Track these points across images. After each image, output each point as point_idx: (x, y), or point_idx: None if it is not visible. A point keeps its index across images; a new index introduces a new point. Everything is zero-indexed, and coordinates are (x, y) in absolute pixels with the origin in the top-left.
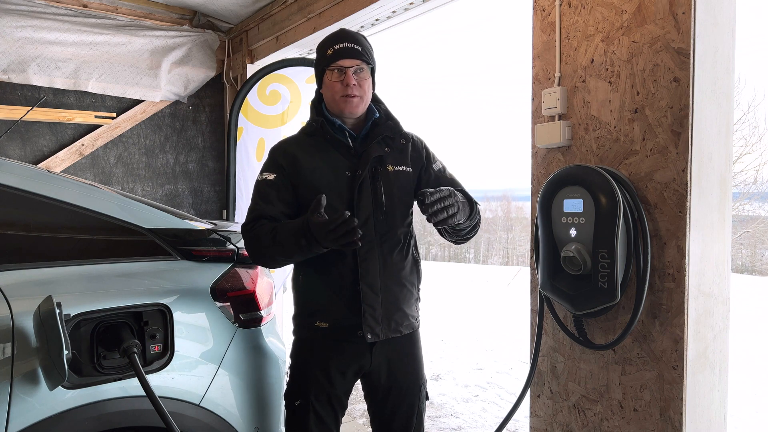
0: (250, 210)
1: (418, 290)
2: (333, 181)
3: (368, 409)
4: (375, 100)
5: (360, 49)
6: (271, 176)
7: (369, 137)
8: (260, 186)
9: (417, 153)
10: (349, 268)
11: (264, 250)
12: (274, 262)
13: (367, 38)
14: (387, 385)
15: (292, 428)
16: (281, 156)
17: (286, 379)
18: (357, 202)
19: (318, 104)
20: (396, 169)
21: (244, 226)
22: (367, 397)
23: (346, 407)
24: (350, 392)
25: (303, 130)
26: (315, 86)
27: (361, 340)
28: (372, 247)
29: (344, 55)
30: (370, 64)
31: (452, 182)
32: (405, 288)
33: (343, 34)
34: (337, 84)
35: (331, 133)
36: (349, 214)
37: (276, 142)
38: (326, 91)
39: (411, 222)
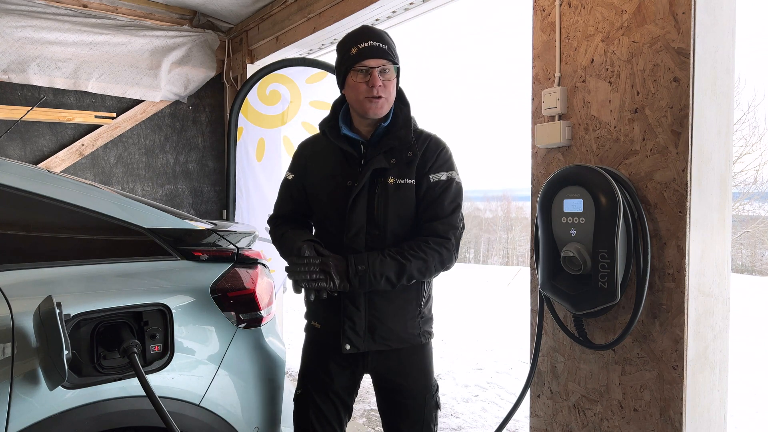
0: (275, 206)
1: (420, 306)
2: (333, 191)
3: (378, 409)
4: (401, 100)
5: (385, 48)
6: (291, 176)
7: (379, 145)
8: (283, 184)
9: (424, 161)
10: None
11: (279, 251)
12: None
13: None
14: (392, 390)
15: (295, 419)
16: (299, 156)
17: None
18: (349, 214)
19: (339, 105)
20: (398, 182)
21: (269, 221)
22: (377, 396)
23: (349, 407)
24: (354, 391)
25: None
26: (315, 86)
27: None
28: None
29: (370, 54)
30: (396, 63)
31: (432, 202)
32: (394, 303)
33: (368, 32)
34: (362, 85)
35: (333, 141)
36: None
37: (303, 139)
38: (350, 92)
39: (412, 234)
